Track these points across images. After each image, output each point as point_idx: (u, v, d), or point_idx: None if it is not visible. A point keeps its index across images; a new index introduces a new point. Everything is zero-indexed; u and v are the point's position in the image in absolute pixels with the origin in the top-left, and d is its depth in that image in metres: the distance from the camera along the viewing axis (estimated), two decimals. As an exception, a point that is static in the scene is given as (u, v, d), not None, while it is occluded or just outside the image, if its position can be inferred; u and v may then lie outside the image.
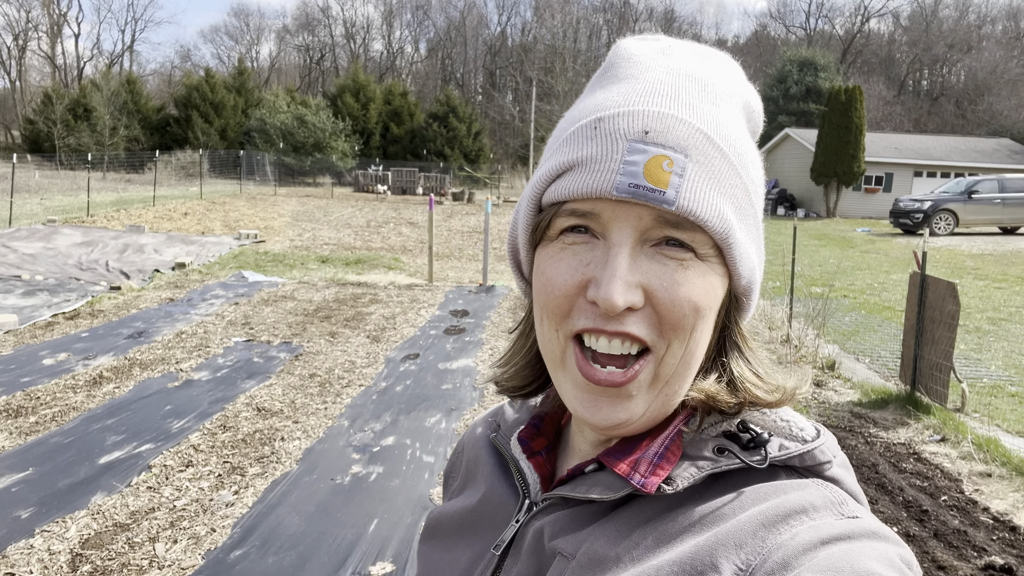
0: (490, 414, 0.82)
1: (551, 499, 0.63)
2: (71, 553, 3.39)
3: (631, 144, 0.54)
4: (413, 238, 17.40)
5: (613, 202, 0.54)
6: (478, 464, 0.76)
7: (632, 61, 0.61)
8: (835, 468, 0.58)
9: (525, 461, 0.68)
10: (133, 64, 69.19)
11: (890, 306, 10.52)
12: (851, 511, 0.53)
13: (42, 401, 5.36)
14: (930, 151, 30.51)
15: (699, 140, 0.54)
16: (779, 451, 0.57)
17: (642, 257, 0.55)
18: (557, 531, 0.60)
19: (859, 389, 6.43)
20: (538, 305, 0.59)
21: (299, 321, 8.27)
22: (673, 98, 0.56)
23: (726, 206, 0.55)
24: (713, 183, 0.54)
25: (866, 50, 64.75)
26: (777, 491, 0.54)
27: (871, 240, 20.36)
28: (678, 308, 0.55)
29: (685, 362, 0.57)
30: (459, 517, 0.72)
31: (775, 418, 0.60)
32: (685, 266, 0.55)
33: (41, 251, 12.35)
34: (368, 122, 42.67)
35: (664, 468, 0.57)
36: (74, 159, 34.61)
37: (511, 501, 0.68)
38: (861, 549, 0.48)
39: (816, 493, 0.54)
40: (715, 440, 0.58)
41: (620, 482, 0.58)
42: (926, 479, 4.51)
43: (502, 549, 0.64)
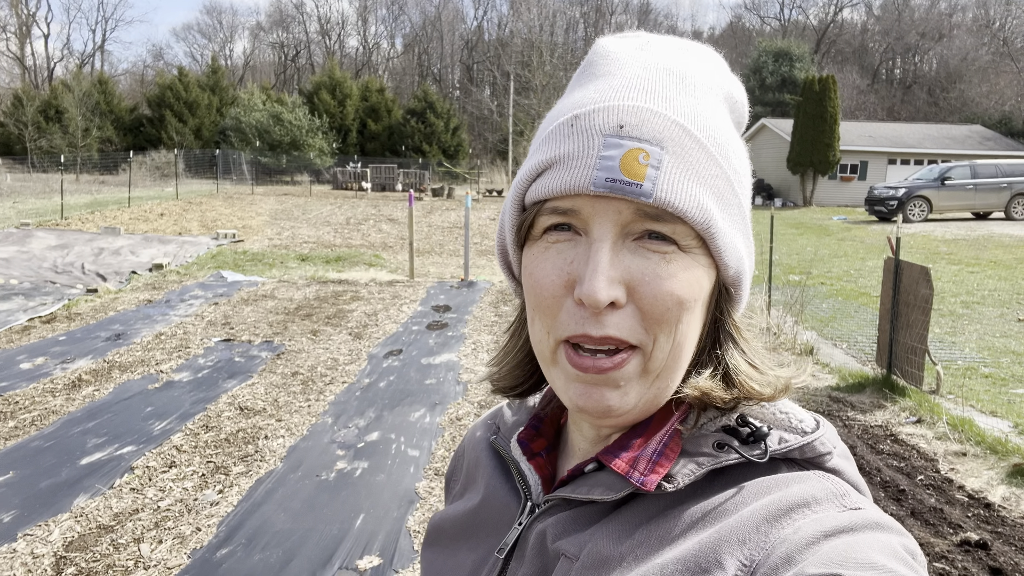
0: (489, 416, 0.81)
1: (553, 500, 0.63)
2: (55, 556, 3.37)
3: (606, 139, 0.54)
4: (393, 234, 17.35)
5: (592, 198, 0.54)
6: (478, 467, 0.76)
7: (609, 58, 0.61)
8: (836, 459, 0.57)
9: (526, 463, 0.68)
10: (104, 64, 68.25)
11: (866, 292, 10.67)
12: (853, 502, 0.53)
13: (21, 405, 5.31)
14: (904, 139, 30.91)
15: (675, 132, 0.55)
16: (779, 444, 0.56)
17: (624, 251, 0.55)
18: (560, 532, 0.60)
19: (837, 374, 6.53)
20: (530, 306, 0.60)
21: (280, 320, 8.23)
22: (649, 92, 0.56)
23: (705, 196, 0.55)
24: (691, 174, 0.55)
25: (840, 40, 65.36)
26: (779, 484, 0.54)
27: (847, 228, 20.60)
28: (661, 302, 0.55)
29: (674, 355, 0.57)
30: (461, 521, 0.72)
31: (774, 411, 0.60)
32: (668, 259, 0.55)
33: (15, 255, 12.17)
34: (345, 119, 42.41)
35: (663, 466, 0.57)
36: (46, 161, 34.09)
37: (513, 504, 0.68)
38: (865, 540, 0.48)
39: (818, 485, 0.54)
40: (714, 435, 0.58)
41: (620, 481, 0.58)
42: (903, 460, 4.60)
43: (506, 552, 0.64)
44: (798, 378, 0.61)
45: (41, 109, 38.23)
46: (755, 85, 45.86)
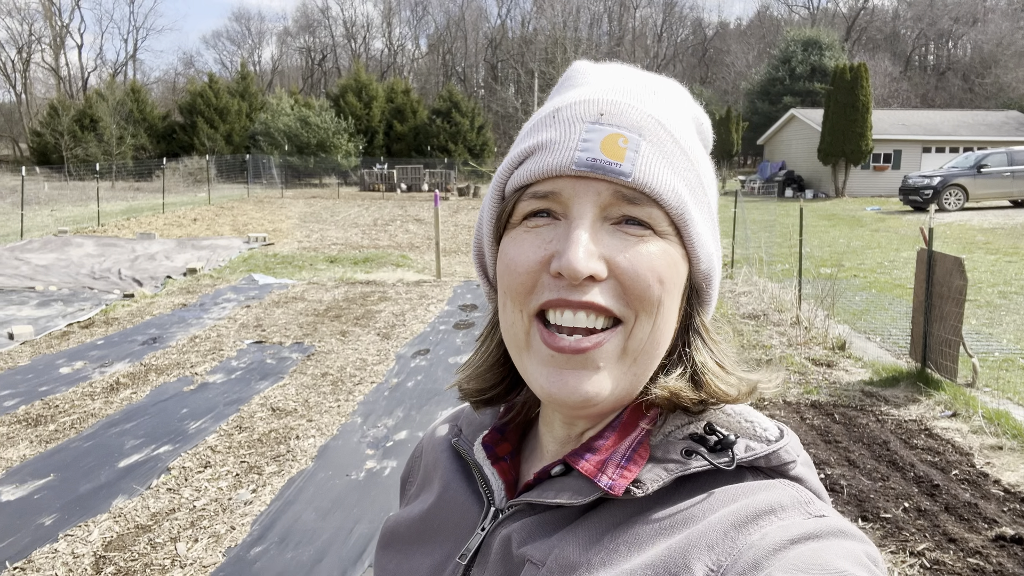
0: (451, 417, 0.80)
1: (518, 505, 0.62)
2: (95, 556, 3.47)
3: (588, 125, 0.57)
4: (420, 235, 17.45)
5: (573, 179, 0.56)
6: (437, 468, 0.74)
7: (587, 73, 0.65)
8: (799, 467, 0.58)
9: (489, 467, 0.67)
10: (137, 73, 69.60)
11: (901, 284, 10.48)
12: (818, 510, 0.54)
13: (61, 409, 5.46)
14: (938, 126, 30.25)
15: (651, 123, 0.58)
16: (745, 452, 0.57)
17: (603, 233, 0.56)
18: (525, 538, 0.59)
19: (870, 368, 6.43)
20: (502, 288, 0.60)
21: (310, 321, 8.34)
22: (626, 93, 0.60)
23: (679, 184, 0.57)
24: (666, 162, 0.57)
25: (871, 27, 64.16)
26: (746, 492, 0.55)
27: (881, 218, 20.24)
28: (642, 278, 0.55)
29: (654, 339, 0.58)
30: (418, 524, 0.70)
31: (739, 419, 0.60)
32: (645, 240, 0.56)
33: (54, 262, 12.49)
34: (372, 121, 42.73)
35: (631, 470, 0.57)
36: (82, 169, 34.89)
37: (474, 508, 0.66)
38: (829, 547, 0.49)
39: (784, 493, 0.55)
40: (682, 443, 0.59)
41: (588, 486, 0.58)
42: (937, 454, 4.52)
43: (468, 558, 0.63)
44: (767, 384, 0.62)
45: (76, 118, 39.11)
46: (784, 75, 45.20)
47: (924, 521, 3.67)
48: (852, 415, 5.28)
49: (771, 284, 10.03)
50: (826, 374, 6.34)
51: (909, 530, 3.59)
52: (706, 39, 71.30)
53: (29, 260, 12.56)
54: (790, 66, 45.25)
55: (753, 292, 9.89)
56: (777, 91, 45.16)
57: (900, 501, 3.90)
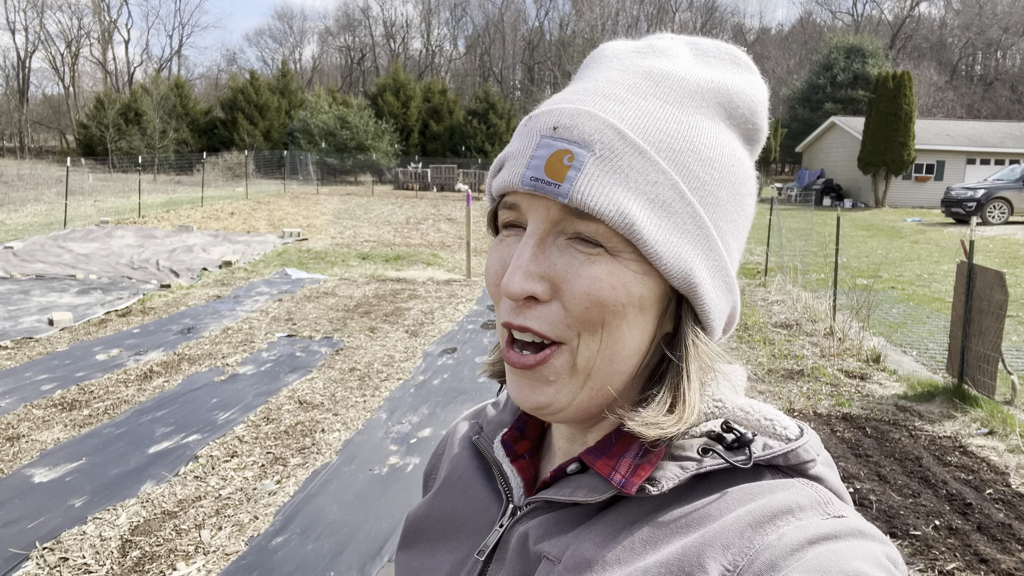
0: (472, 414, 0.81)
1: (535, 503, 0.62)
2: (121, 539, 3.53)
3: (542, 139, 0.56)
4: (452, 234, 17.53)
5: (526, 195, 0.57)
6: (459, 466, 0.75)
7: (599, 61, 0.62)
8: (819, 466, 0.57)
9: (508, 465, 0.67)
10: (181, 68, 71.03)
11: (939, 297, 10.24)
12: (837, 510, 0.53)
13: (95, 395, 5.58)
14: (983, 137, 29.52)
15: (607, 135, 0.54)
16: (763, 450, 0.56)
17: (553, 249, 0.56)
18: (542, 535, 0.59)
19: (905, 382, 6.29)
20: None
21: (340, 317, 8.42)
22: (603, 95, 0.56)
23: (629, 199, 0.54)
24: (617, 177, 0.54)
25: (916, 35, 62.90)
26: (763, 491, 0.54)
27: (921, 230, 19.81)
28: (579, 301, 0.55)
29: (606, 358, 0.56)
30: (440, 521, 0.71)
31: (759, 417, 0.59)
32: (592, 260, 0.55)
33: (95, 251, 12.79)
34: (408, 120, 43.05)
35: (645, 469, 0.56)
36: (126, 162, 35.69)
37: (494, 505, 0.67)
38: (848, 548, 0.48)
39: (802, 493, 0.53)
40: (699, 440, 0.58)
41: (603, 484, 0.58)
42: (971, 472, 4.40)
43: (486, 555, 0.63)
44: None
45: (121, 112, 40.03)
46: (826, 82, 44.53)
47: (955, 540, 3.58)
48: (884, 429, 5.17)
49: (805, 293, 9.87)
50: (859, 387, 6.22)
51: (939, 548, 3.50)
52: (747, 44, 70.50)
53: (71, 249, 12.88)
54: (832, 73, 44.56)
55: (786, 301, 9.74)
56: (818, 98, 44.51)
57: (931, 519, 3.80)
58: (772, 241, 11.96)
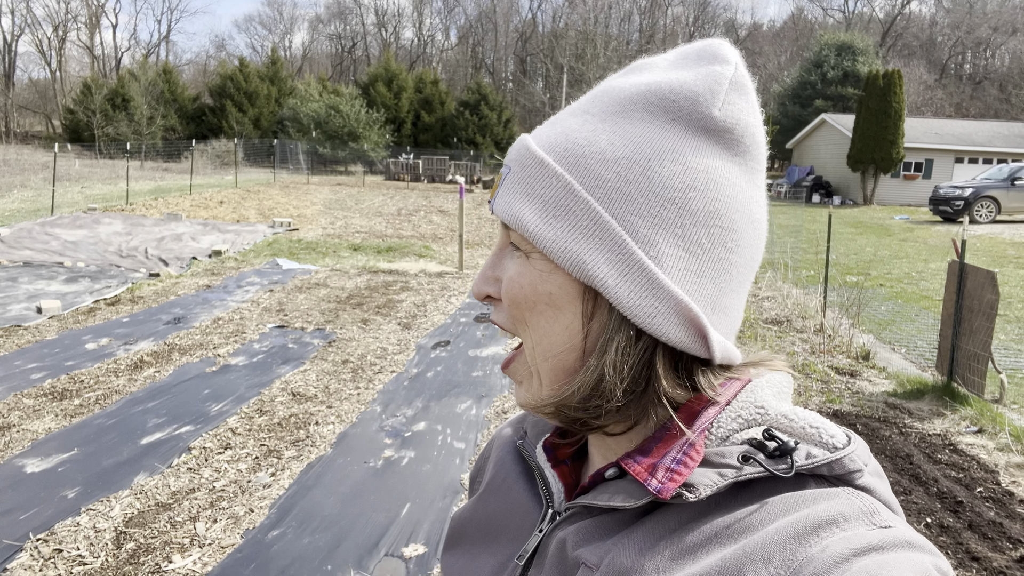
0: (518, 419, 0.82)
1: (574, 508, 0.62)
2: (115, 531, 3.51)
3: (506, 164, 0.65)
4: (444, 226, 17.48)
5: None
6: (502, 470, 0.75)
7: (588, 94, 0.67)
8: (867, 476, 0.55)
9: (550, 470, 0.68)
10: (169, 54, 70.33)
11: (928, 295, 10.33)
12: (883, 520, 0.51)
13: (86, 384, 5.53)
14: (972, 136, 29.74)
15: (522, 153, 0.62)
16: (806, 459, 0.54)
17: (506, 255, 0.64)
18: (581, 540, 0.59)
19: (894, 379, 6.35)
20: None
21: (332, 308, 8.38)
22: (548, 122, 0.65)
23: (525, 206, 0.60)
24: (522, 188, 0.61)
25: (906, 33, 63.17)
26: (806, 501, 0.52)
27: (909, 228, 19.96)
28: (504, 299, 0.62)
29: (540, 354, 0.61)
30: (484, 525, 0.72)
31: (803, 424, 0.57)
32: (516, 262, 0.62)
33: (82, 238, 12.66)
34: (400, 111, 42.82)
35: (681, 474, 0.55)
36: (113, 148, 35.34)
37: (535, 510, 0.67)
38: (895, 560, 0.46)
39: (847, 503, 0.52)
40: (740, 448, 0.56)
41: (640, 489, 0.57)
42: (961, 470, 4.45)
43: (525, 559, 0.64)
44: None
45: (109, 97, 39.59)
46: (816, 79, 44.63)
47: (946, 538, 3.62)
48: (875, 426, 5.22)
49: (795, 290, 9.93)
50: (849, 383, 6.27)
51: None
52: (738, 40, 70.58)
53: (59, 235, 12.75)
54: (822, 70, 44.68)
55: (777, 297, 9.79)
56: (808, 95, 44.62)
57: (922, 516, 3.84)
58: (763, 237, 12.00)
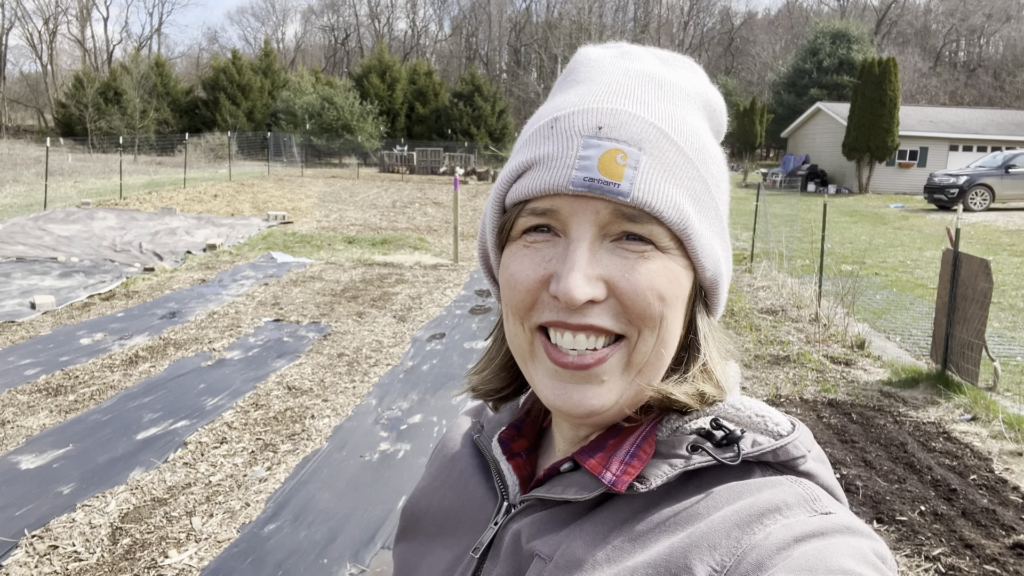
0: (474, 411, 0.81)
1: (528, 501, 0.63)
2: (111, 527, 3.51)
3: (585, 140, 0.55)
4: (438, 218, 17.44)
5: (571, 198, 0.55)
6: (459, 462, 0.75)
7: (590, 65, 0.62)
8: (810, 462, 0.57)
9: (505, 463, 0.68)
10: (161, 47, 69.89)
11: (923, 284, 10.35)
12: (824, 507, 0.52)
13: (80, 380, 5.52)
14: (966, 124, 29.75)
15: (653, 134, 0.55)
16: (752, 447, 0.56)
17: (602, 251, 0.56)
18: (535, 533, 0.60)
19: (889, 368, 6.37)
20: (504, 302, 0.61)
21: (327, 301, 8.37)
22: (628, 96, 0.57)
23: (682, 197, 0.56)
24: (668, 175, 0.55)
25: (901, 21, 63.09)
26: (750, 490, 0.54)
27: (904, 216, 19.98)
28: (642, 296, 0.55)
29: (658, 352, 0.57)
30: (440, 518, 0.72)
31: (750, 414, 0.59)
32: (646, 257, 0.56)
33: (76, 233, 12.61)
34: (394, 102, 42.63)
35: (635, 467, 0.57)
36: (106, 142, 35.14)
37: (490, 503, 0.67)
38: (835, 545, 0.48)
39: (789, 491, 0.53)
40: (688, 438, 0.58)
41: (594, 482, 0.58)
42: (955, 458, 4.47)
43: (481, 552, 0.64)
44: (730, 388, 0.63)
45: (101, 91, 39.30)
46: (811, 67, 44.61)
47: (940, 525, 3.64)
48: (870, 415, 5.24)
49: (790, 279, 9.94)
50: (844, 372, 6.28)
51: (925, 534, 3.55)
52: (733, 28, 70.41)
53: (52, 231, 12.69)
54: (817, 58, 44.64)
55: (772, 287, 9.80)
56: (803, 83, 44.60)
57: (916, 504, 3.86)
58: (758, 227, 12.02)
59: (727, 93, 49.55)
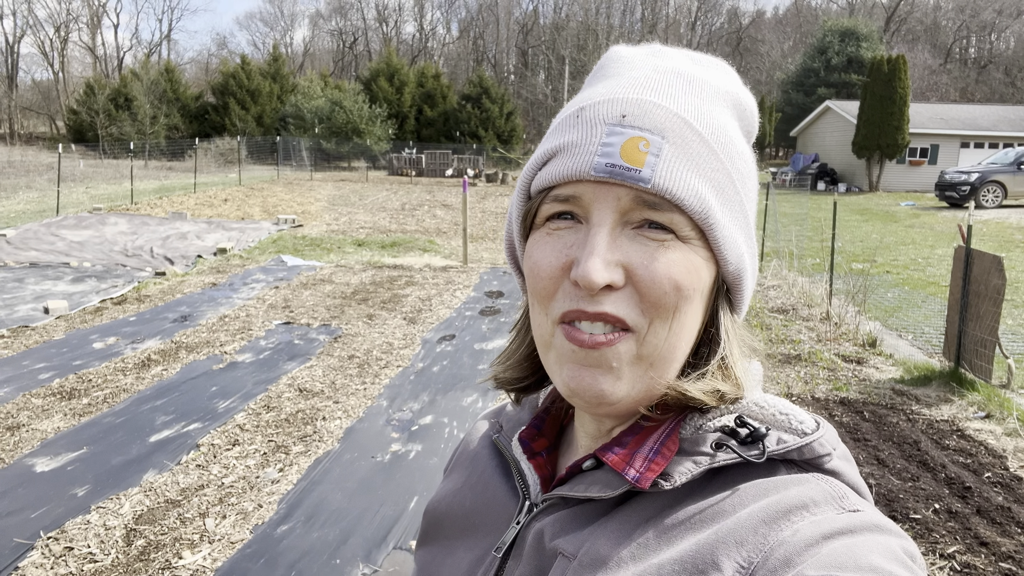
0: (492, 413, 0.82)
1: (551, 499, 0.63)
2: (125, 528, 3.54)
3: (609, 127, 0.56)
4: (447, 220, 17.47)
5: (593, 184, 0.56)
6: (479, 464, 0.75)
7: (621, 61, 0.63)
8: (835, 460, 0.57)
9: (526, 462, 0.68)
10: (171, 53, 70.34)
11: (935, 281, 10.29)
12: (852, 504, 0.52)
13: (94, 383, 5.56)
14: (977, 121, 29.54)
15: (676, 123, 0.56)
16: (777, 445, 0.56)
17: (623, 238, 0.56)
18: (558, 531, 0.60)
19: (901, 366, 6.33)
20: (529, 290, 0.61)
21: (337, 304, 8.40)
22: (654, 89, 0.58)
23: (704, 187, 0.56)
24: (690, 164, 0.56)
25: (911, 18, 62.71)
26: (777, 487, 0.54)
27: (916, 214, 19.86)
28: (658, 286, 0.55)
29: (670, 345, 0.57)
30: (461, 520, 0.71)
31: (774, 411, 0.59)
32: (666, 246, 0.56)
33: (88, 239, 12.71)
34: (402, 105, 42.74)
35: (659, 464, 0.57)
36: (117, 148, 35.38)
37: (511, 503, 0.67)
38: (864, 543, 0.48)
39: (816, 488, 0.53)
40: (713, 435, 0.58)
41: (617, 479, 0.58)
42: (969, 456, 4.44)
43: (503, 551, 0.64)
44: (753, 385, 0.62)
45: (112, 97, 39.60)
46: (820, 66, 44.41)
47: (955, 523, 3.61)
48: (882, 413, 5.21)
49: (801, 278, 9.90)
50: (856, 371, 6.25)
51: (939, 532, 3.53)
52: (741, 28, 70.21)
53: (64, 236, 12.80)
54: (826, 57, 44.43)
55: (783, 286, 9.77)
56: (812, 82, 44.40)
57: (930, 502, 3.84)
58: (768, 226, 11.97)
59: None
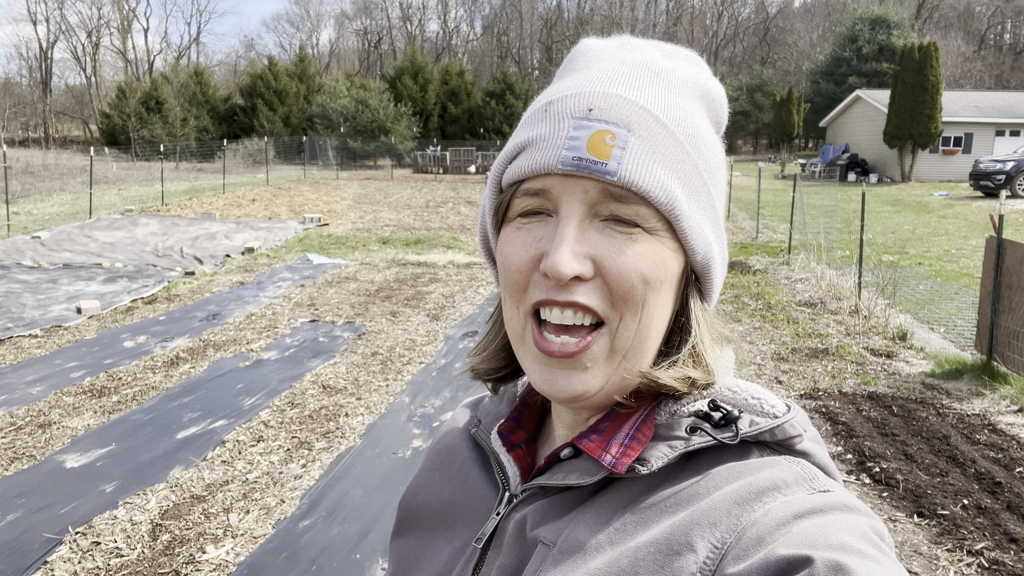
0: (471, 404, 0.82)
1: (531, 489, 0.63)
2: (151, 523, 3.60)
3: (576, 121, 0.57)
4: (471, 217, 17.50)
5: (561, 177, 0.57)
6: (457, 456, 0.76)
7: (590, 54, 0.64)
8: (805, 442, 0.58)
9: (505, 454, 0.69)
10: (200, 56, 71.37)
11: (968, 273, 10.07)
12: (822, 485, 0.53)
13: (123, 381, 5.67)
14: (1013, 108, 28.82)
15: (642, 116, 0.57)
16: (750, 427, 0.57)
17: (591, 230, 0.57)
18: (538, 520, 0.60)
19: (932, 359, 6.20)
20: (501, 283, 0.62)
21: (361, 301, 8.46)
22: (621, 82, 0.59)
23: (670, 178, 0.57)
24: (656, 156, 0.56)
25: (943, 4, 61.36)
26: (749, 469, 0.55)
27: (949, 204, 19.45)
28: (626, 278, 0.56)
29: (641, 336, 0.58)
30: (440, 512, 0.72)
31: (746, 396, 0.61)
32: (633, 239, 0.56)
33: (120, 240, 12.95)
34: (427, 103, 42.92)
35: (635, 449, 0.58)
36: (148, 150, 36.00)
37: (491, 495, 0.68)
38: (834, 522, 0.49)
39: (787, 469, 0.54)
40: (687, 420, 0.59)
41: (594, 466, 0.59)
42: (1001, 451, 4.34)
43: (484, 542, 0.64)
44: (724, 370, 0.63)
45: (143, 101, 40.29)
46: (850, 55, 43.68)
47: (984, 519, 3.53)
48: (911, 407, 5.11)
49: (829, 271, 9.75)
50: (885, 365, 6.14)
51: (968, 528, 3.46)
52: (768, 18, 69.27)
53: (97, 238, 13.06)
54: (856, 45, 43.68)
55: (810, 279, 9.63)
56: (842, 71, 43.69)
57: (959, 498, 3.76)
58: (795, 219, 11.81)
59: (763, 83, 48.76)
